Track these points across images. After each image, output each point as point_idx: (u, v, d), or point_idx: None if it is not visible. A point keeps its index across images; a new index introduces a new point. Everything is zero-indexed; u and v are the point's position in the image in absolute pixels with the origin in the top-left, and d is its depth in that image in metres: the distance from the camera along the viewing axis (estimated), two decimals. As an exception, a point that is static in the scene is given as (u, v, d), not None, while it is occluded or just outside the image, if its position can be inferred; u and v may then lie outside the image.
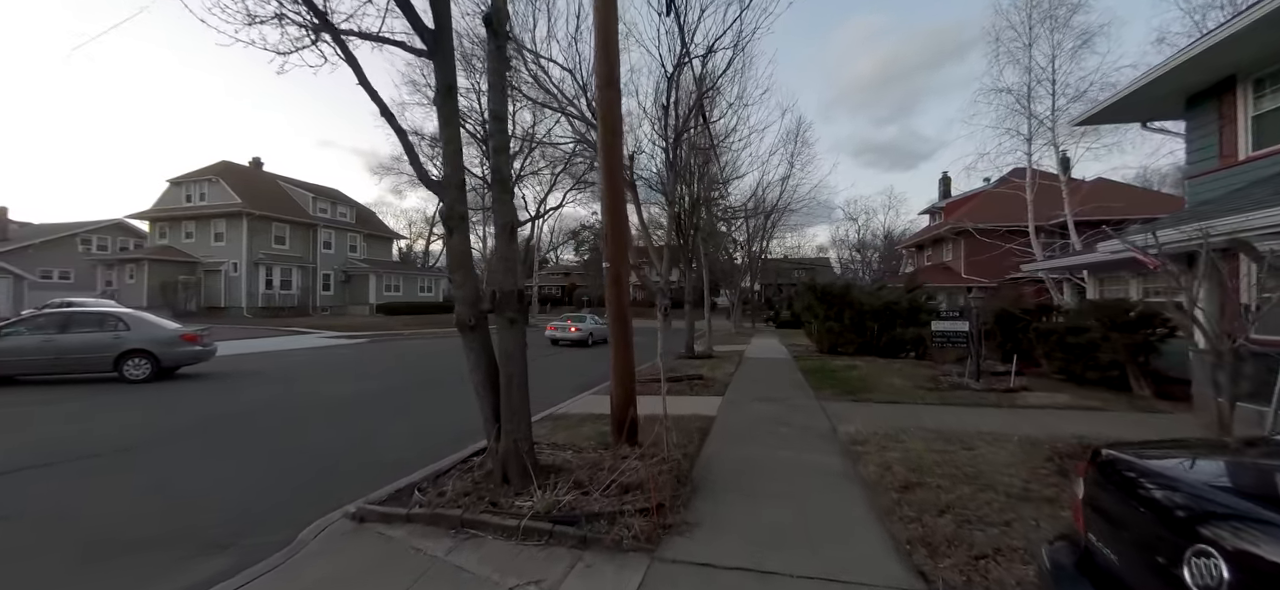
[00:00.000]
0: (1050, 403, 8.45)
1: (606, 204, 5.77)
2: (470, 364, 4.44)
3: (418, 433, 7.27)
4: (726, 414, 7.77)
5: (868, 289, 19.57)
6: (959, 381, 10.16)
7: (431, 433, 7.15)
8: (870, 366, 13.35)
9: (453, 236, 4.32)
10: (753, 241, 35.43)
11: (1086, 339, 10.03)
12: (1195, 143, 10.96)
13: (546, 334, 23.85)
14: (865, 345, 16.77)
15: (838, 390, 9.69)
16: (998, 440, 5.98)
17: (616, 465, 4.69)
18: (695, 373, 11.19)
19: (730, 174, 18.86)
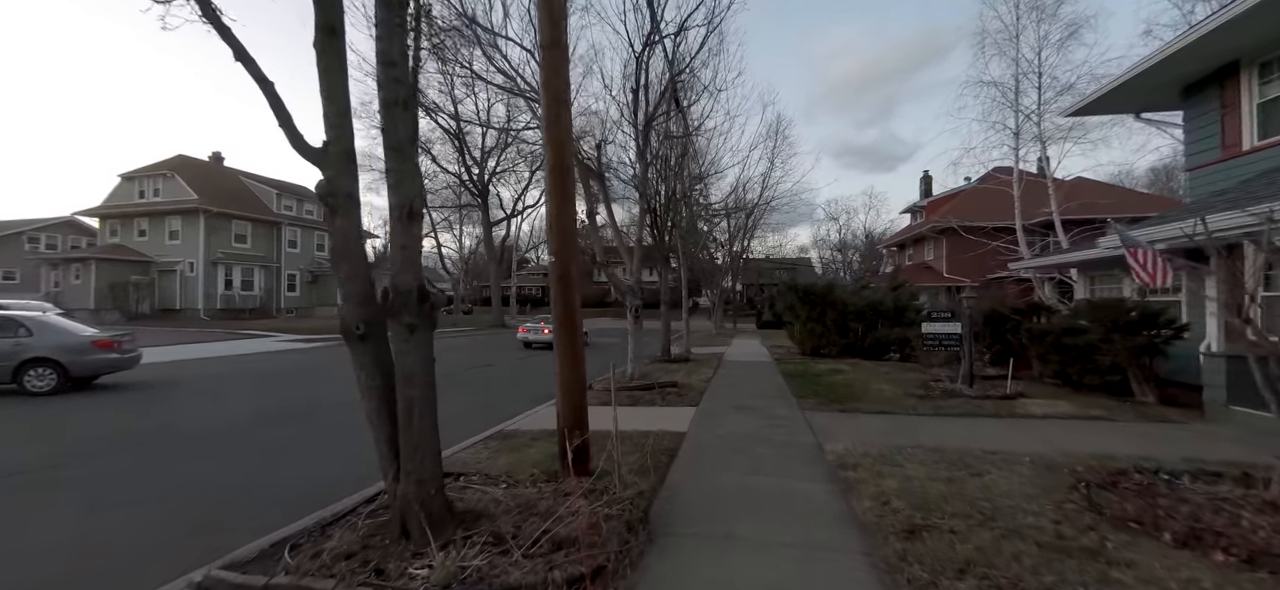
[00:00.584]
0: (1052, 412, 7.72)
1: (551, 185, 4.82)
2: (361, 385, 3.47)
3: (348, 456, 6.24)
4: (699, 430, 6.87)
5: (851, 288, 18.90)
6: (951, 388, 9.42)
7: (361, 457, 6.12)
8: (855, 370, 12.60)
9: (336, 218, 3.35)
10: (734, 241, 34.75)
11: (1085, 341, 9.36)
12: (1195, 134, 10.39)
13: (518, 336, 22.80)
14: (849, 347, 16.07)
15: (822, 398, 8.87)
16: (1008, 463, 5.18)
17: (554, 507, 3.76)
18: (669, 380, 10.30)
19: (709, 169, 18.04)
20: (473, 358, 17.90)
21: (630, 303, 10.11)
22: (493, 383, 12.39)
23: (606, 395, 9.09)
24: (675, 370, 12.71)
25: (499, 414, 8.37)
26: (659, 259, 15.13)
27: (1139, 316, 8.68)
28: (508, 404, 9.51)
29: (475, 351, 20.45)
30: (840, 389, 9.81)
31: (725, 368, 13.77)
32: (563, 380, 4.85)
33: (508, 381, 12.65)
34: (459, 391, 11.06)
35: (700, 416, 7.66)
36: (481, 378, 13.20)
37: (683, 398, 9.05)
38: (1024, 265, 15.43)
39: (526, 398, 9.97)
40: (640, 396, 9.08)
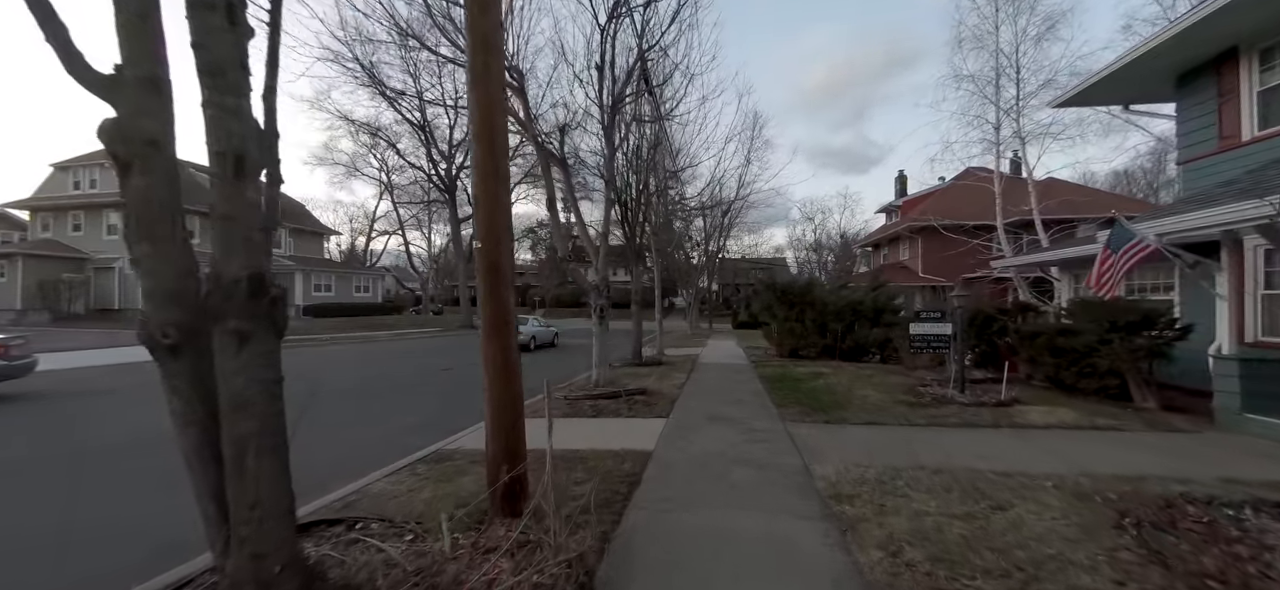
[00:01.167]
0: (1054, 421, 7.02)
1: (478, 156, 3.82)
2: (174, 416, 2.43)
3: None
4: (668, 447, 5.94)
5: (830, 288, 18.27)
6: (942, 394, 8.71)
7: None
8: (837, 374, 11.86)
9: (131, 176, 2.31)
10: (710, 239, 34.05)
11: (1082, 343, 8.76)
12: (1190, 124, 9.92)
13: (483, 338, 21.53)
14: (828, 348, 15.39)
15: (805, 406, 8.04)
16: (1029, 489, 4.38)
17: (466, 574, 2.79)
18: (638, 386, 9.36)
19: (684, 162, 17.17)
20: (431, 361, 16.69)
21: (595, 302, 9.13)
22: (447, 390, 11.28)
23: (565, 405, 8.11)
24: (646, 375, 11.79)
25: (443, 428, 7.33)
26: (630, 256, 14.19)
27: (1141, 317, 8.08)
28: (457, 416, 8.45)
29: (435, 354, 19.20)
30: (823, 395, 9.01)
31: (700, 371, 12.90)
32: (492, 398, 3.87)
33: (463, 388, 11.55)
34: (406, 401, 9.94)
35: (670, 430, 6.73)
36: (435, 384, 12.08)
37: (652, 407, 8.11)
38: (1007, 263, 14.96)
39: (480, 408, 8.93)
40: (604, 406, 8.11)
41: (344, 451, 6.25)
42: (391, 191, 46.79)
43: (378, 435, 7.27)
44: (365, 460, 5.69)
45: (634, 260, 14.11)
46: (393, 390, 11.06)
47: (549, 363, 16.59)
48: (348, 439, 7.03)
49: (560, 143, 9.64)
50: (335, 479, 5.00)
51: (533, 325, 22.36)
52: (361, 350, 20.23)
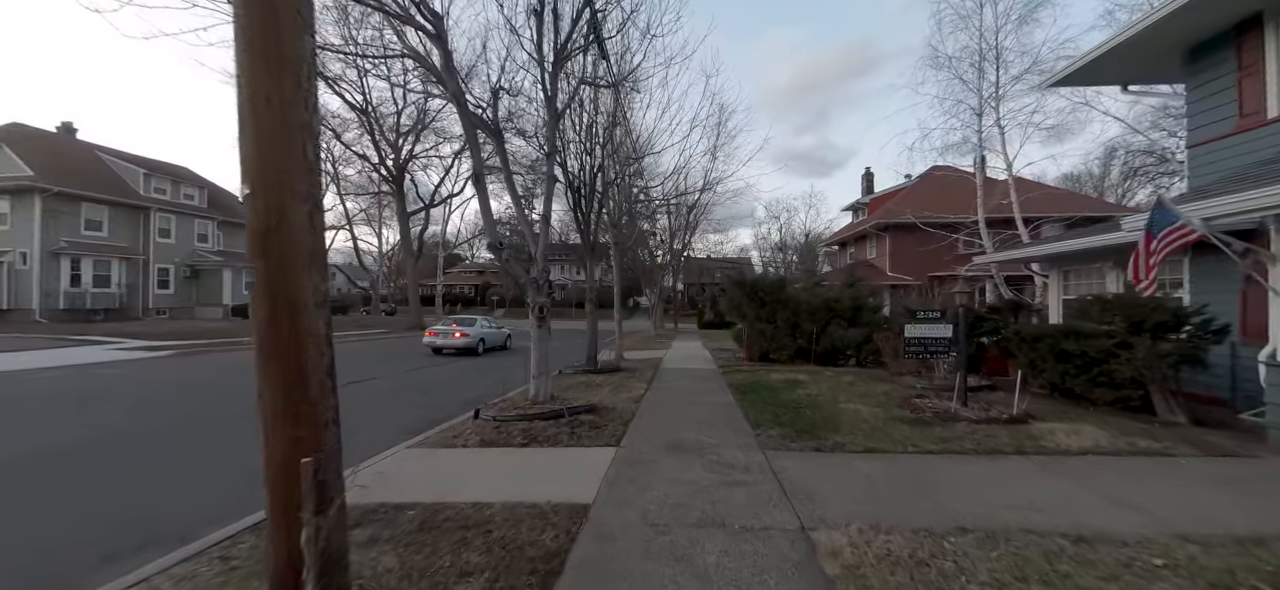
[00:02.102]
0: (1089, 445, 5.77)
1: (242, 48, 2.11)
2: None
3: (38, 549, 3.27)
4: (612, 500, 4.34)
5: (804, 286, 17.05)
6: (944, 407, 7.40)
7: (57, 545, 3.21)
8: (815, 380, 10.52)
9: None
10: (674, 237, 32.70)
11: (1097, 346, 7.61)
12: (1202, 103, 8.94)
13: (425, 340, 19.54)
14: (802, 351, 14.12)
15: (787, 426, 6.58)
16: (1132, 572, 2.99)
17: None
18: (585, 403, 7.74)
19: (645, 148, 15.61)
20: (358, 369, 14.61)
21: (533, 300, 7.46)
22: (358, 407, 9.39)
23: (489, 431, 6.40)
24: (599, 386, 10.16)
25: (359, 452, 5.54)
26: (585, 250, 12.54)
27: (1170, 316, 6.96)
28: (355, 443, 6.65)
29: (368, 360, 17.06)
30: (805, 410, 7.60)
31: (662, 379, 11.37)
32: (273, 461, 2.18)
33: (380, 404, 9.67)
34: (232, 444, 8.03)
35: (619, 468, 5.13)
36: (349, 399, 10.13)
37: (600, 431, 6.50)
38: (989, 259, 13.99)
39: (389, 431, 7.17)
40: (540, 430, 6.45)
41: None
42: (337, 183, 43.62)
43: (218, 490, 5.42)
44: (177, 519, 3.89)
45: (588, 255, 12.48)
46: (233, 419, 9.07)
47: (497, 369, 14.78)
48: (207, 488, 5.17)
49: (492, 107, 7.92)
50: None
51: (481, 326, 20.47)
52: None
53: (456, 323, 20.14)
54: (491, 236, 7.28)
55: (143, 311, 30.96)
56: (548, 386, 7.65)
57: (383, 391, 11.02)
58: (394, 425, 7.70)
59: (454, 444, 6.12)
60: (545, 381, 7.56)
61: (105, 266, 29.50)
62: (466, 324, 20.00)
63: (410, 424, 7.70)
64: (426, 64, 7.19)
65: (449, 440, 6.27)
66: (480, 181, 7.28)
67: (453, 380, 12.48)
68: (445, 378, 13.13)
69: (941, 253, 27.93)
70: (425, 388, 11.76)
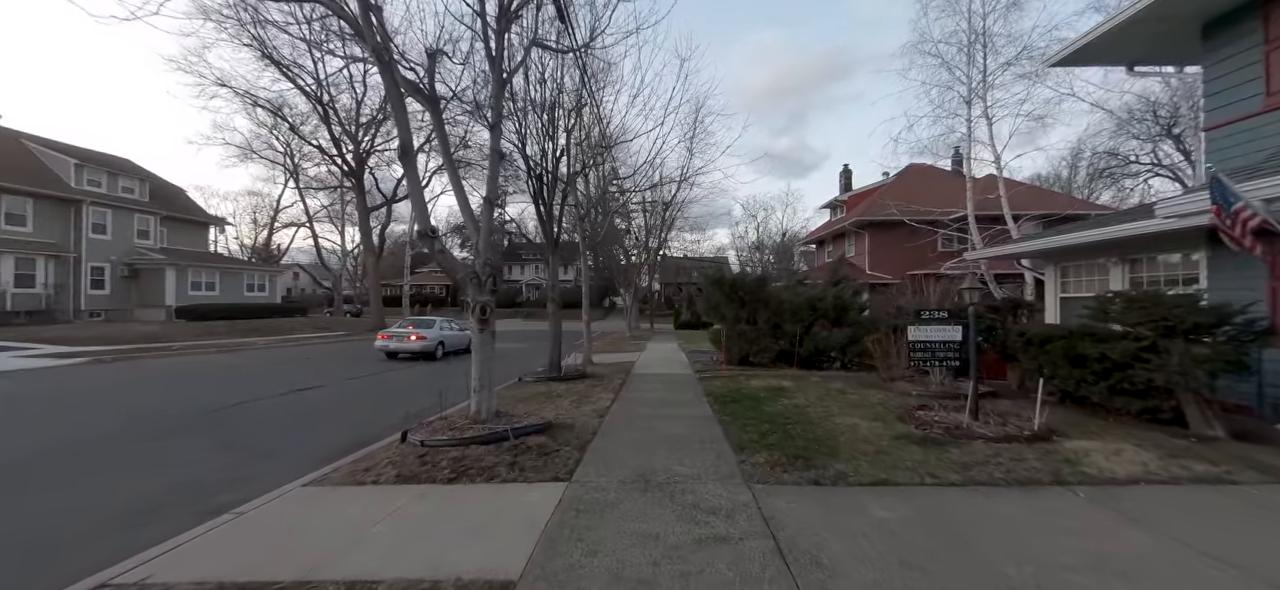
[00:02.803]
0: (1138, 471, 4.81)
1: None
2: None
3: None
4: (548, 574, 3.15)
5: (786, 283, 16.09)
6: (955, 422, 6.40)
7: None
8: (801, 388, 9.50)
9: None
10: (650, 235, 31.62)
11: (1122, 350, 6.72)
12: (1221, 82, 8.14)
13: (377, 344, 18.02)
14: (784, 353, 13.14)
15: (777, 451, 5.48)
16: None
17: None
18: (538, 421, 6.52)
19: (616, 134, 14.45)
20: (301, 376, 13.11)
21: (474, 298, 6.22)
22: (278, 423, 8.02)
23: (413, 462, 5.13)
24: (559, 396, 8.95)
25: (207, 502, 4.29)
26: (548, 246, 11.31)
27: (1212, 316, 6.08)
28: (250, 474, 5.36)
29: (316, 365, 15.52)
30: (795, 426, 6.52)
31: (632, 387, 10.21)
32: None
33: (305, 419, 8.31)
34: (199, 444, 6.67)
35: (565, 516, 3.95)
36: (280, 411, 8.74)
37: (550, 458, 5.30)
38: (980, 255, 13.21)
39: (297, 458, 5.90)
40: (476, 458, 5.22)
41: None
42: (296, 178, 41.34)
43: (58, 536, 4.07)
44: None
45: (551, 249, 11.24)
46: (195, 425, 7.64)
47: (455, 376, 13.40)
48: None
49: (429, 73, 6.65)
50: None
51: (442, 329, 19.02)
52: (195, 364, 16.16)
53: (413, 324, 18.65)
54: (422, 223, 6.01)
55: (73, 314, 28.46)
56: (492, 401, 6.41)
57: (315, 404, 9.62)
58: (307, 449, 6.38)
59: (364, 480, 4.86)
60: (488, 396, 6.31)
61: (29, 265, 26.97)
62: (424, 326, 18.54)
63: (327, 447, 6.40)
64: (340, 12, 5.89)
65: (359, 474, 4.99)
66: (408, 156, 6.01)
67: (400, 389, 11.11)
68: (393, 386, 11.76)
69: (923, 250, 27.47)
70: (365, 399, 10.39)
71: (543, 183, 10.92)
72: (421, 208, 6.11)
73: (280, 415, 8.60)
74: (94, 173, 30.57)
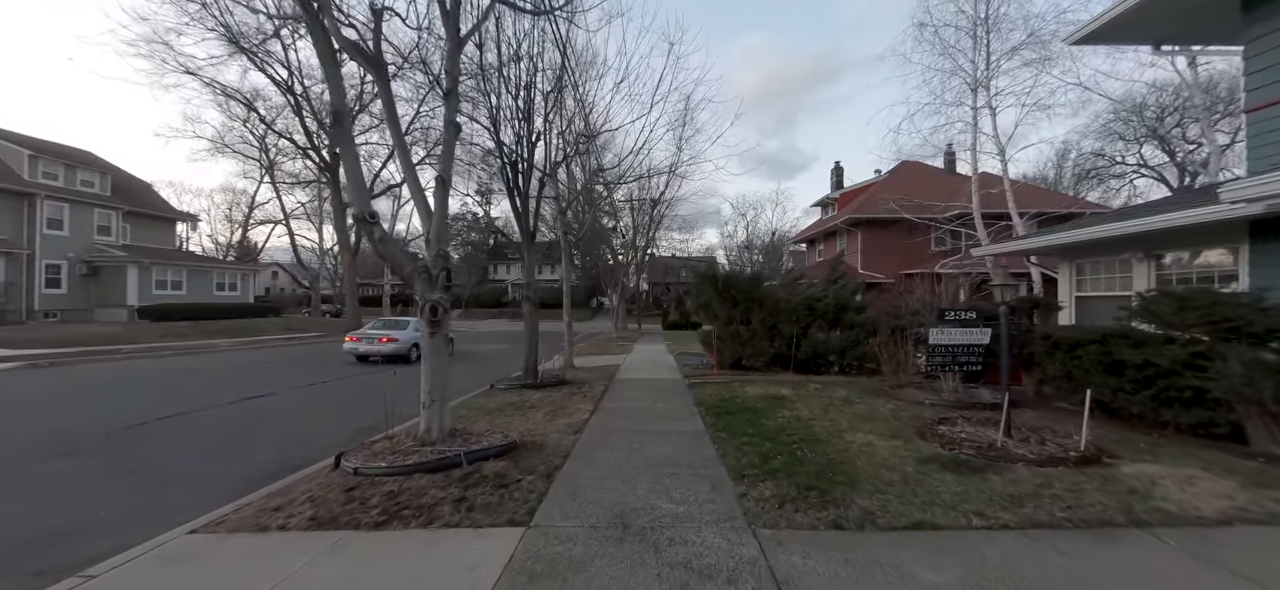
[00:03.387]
0: (1228, 507, 3.95)
1: None
2: None
3: None
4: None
5: (782, 282, 15.21)
6: (982, 438, 5.52)
7: None
8: (801, 396, 8.60)
9: None
10: (638, 233, 30.69)
11: (1171, 356, 5.89)
12: (1264, 59, 7.40)
13: (345, 347, 16.86)
14: (780, 357, 12.25)
15: (784, 480, 4.55)
16: None
17: None
18: (502, 439, 5.53)
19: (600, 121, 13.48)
20: (258, 382, 11.97)
21: (423, 296, 5.21)
22: (217, 438, 6.97)
23: (338, 498, 4.11)
24: (532, 407, 7.96)
25: (60, 556, 3.28)
26: (524, 239, 10.31)
27: (1282, 317, 5.27)
28: (145, 507, 4.33)
29: (280, 370, 14.37)
30: (803, 446, 5.60)
31: (616, 395, 9.24)
32: None
33: (239, 434, 7.24)
34: (99, 469, 5.59)
35: (515, 582, 2.97)
36: (216, 425, 7.66)
37: (508, 492, 4.32)
38: (987, 251, 12.42)
39: (222, 485, 4.87)
40: (413, 496, 4.22)
41: None
42: (272, 173, 39.75)
43: None
44: None
45: (526, 244, 10.25)
46: (114, 443, 6.54)
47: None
48: None
49: (375, 33, 5.63)
50: None
51: (415, 330, 17.91)
52: (145, 368, 14.91)
53: (384, 325, 17.52)
54: (359, 204, 5.00)
55: (27, 314, 26.83)
56: (445, 418, 5.41)
57: (259, 415, 8.53)
58: (224, 475, 5.34)
59: (269, 523, 3.85)
60: (440, 411, 5.31)
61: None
62: (396, 327, 17.42)
63: (249, 472, 5.38)
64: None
65: (266, 515, 3.98)
66: (341, 123, 4.99)
67: (359, 397, 10.04)
68: (352, 394, 10.67)
69: (918, 249, 26.85)
70: (317, 408, 9.32)
71: (517, 170, 9.93)
72: (359, 186, 5.10)
73: (214, 430, 7.51)
74: (50, 164, 28.92)
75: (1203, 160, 39.09)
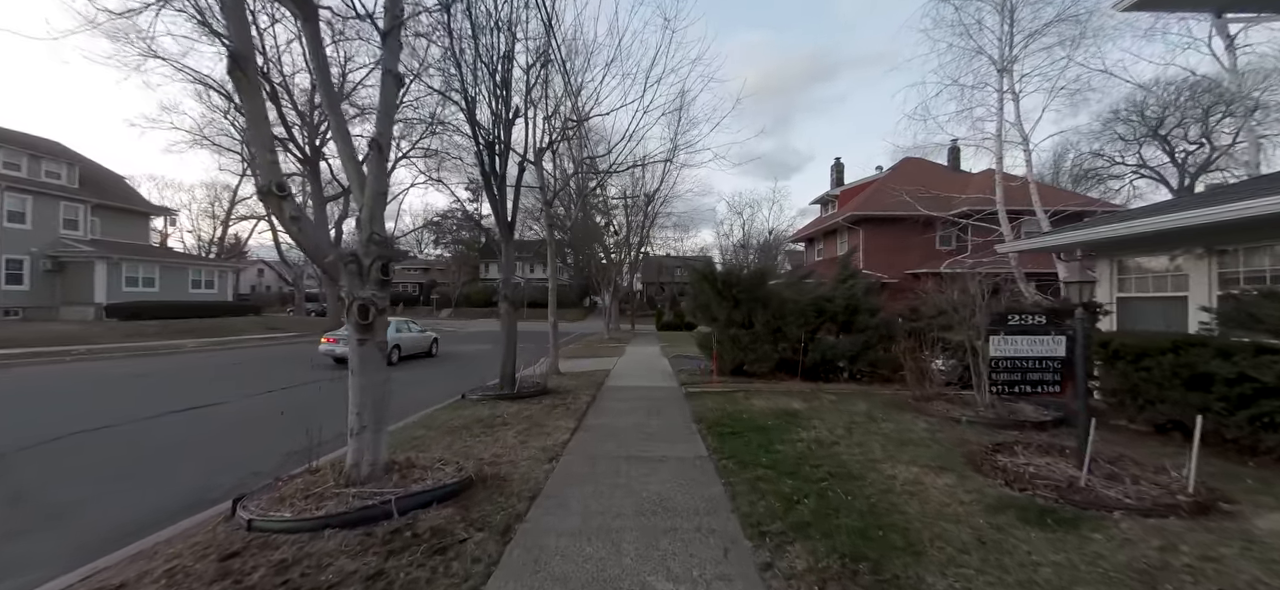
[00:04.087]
0: None
1: None
2: None
3: None
4: None
5: (788, 280, 14.07)
6: (1062, 477, 4.41)
7: None
8: (816, 409, 7.49)
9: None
10: (632, 232, 29.53)
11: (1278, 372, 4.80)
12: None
13: (322, 349, 15.67)
14: (786, 363, 11.14)
15: (817, 538, 3.41)
16: None
17: None
18: (451, 480, 4.35)
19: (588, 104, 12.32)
20: (212, 387, 10.73)
21: (350, 292, 4.04)
22: (127, 461, 5.77)
23: (214, 571, 2.89)
24: (505, 424, 6.79)
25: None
26: (499, 229, 9.14)
27: None
28: (30, 549, 3.13)
29: (244, 372, 13.14)
30: (832, 482, 4.47)
31: (603, 407, 8.08)
32: None
33: (164, 456, 6.04)
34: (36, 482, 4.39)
35: None
36: (133, 443, 6.44)
37: (447, 562, 3.15)
38: (1014, 247, 11.33)
39: (91, 534, 3.73)
40: (308, 572, 3.05)
41: None
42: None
43: None
44: None
45: (504, 236, 9.09)
46: (35, 458, 5.33)
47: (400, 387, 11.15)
48: None
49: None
50: None
51: (398, 330, 16.76)
52: (91, 372, 13.62)
53: None
54: (265, 172, 3.82)
55: (-16, 312, 25.39)
56: (380, 447, 4.24)
57: (194, 429, 7.34)
58: (101, 519, 4.18)
59: None
60: (373, 440, 4.14)
61: (-72, 257, 23.89)
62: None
63: (154, 504, 4.32)
64: None
65: None
66: (243, 69, 3.80)
67: (316, 408, 8.77)
68: (311, 402, 9.43)
69: (923, 247, 25.89)
70: (263, 422, 8.10)
71: (494, 152, 8.76)
72: (265, 147, 3.92)
73: (135, 448, 6.33)
74: (12, 154, 27.42)
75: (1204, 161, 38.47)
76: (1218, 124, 37.03)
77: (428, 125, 22.55)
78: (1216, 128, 37.35)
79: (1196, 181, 38.58)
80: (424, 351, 18.38)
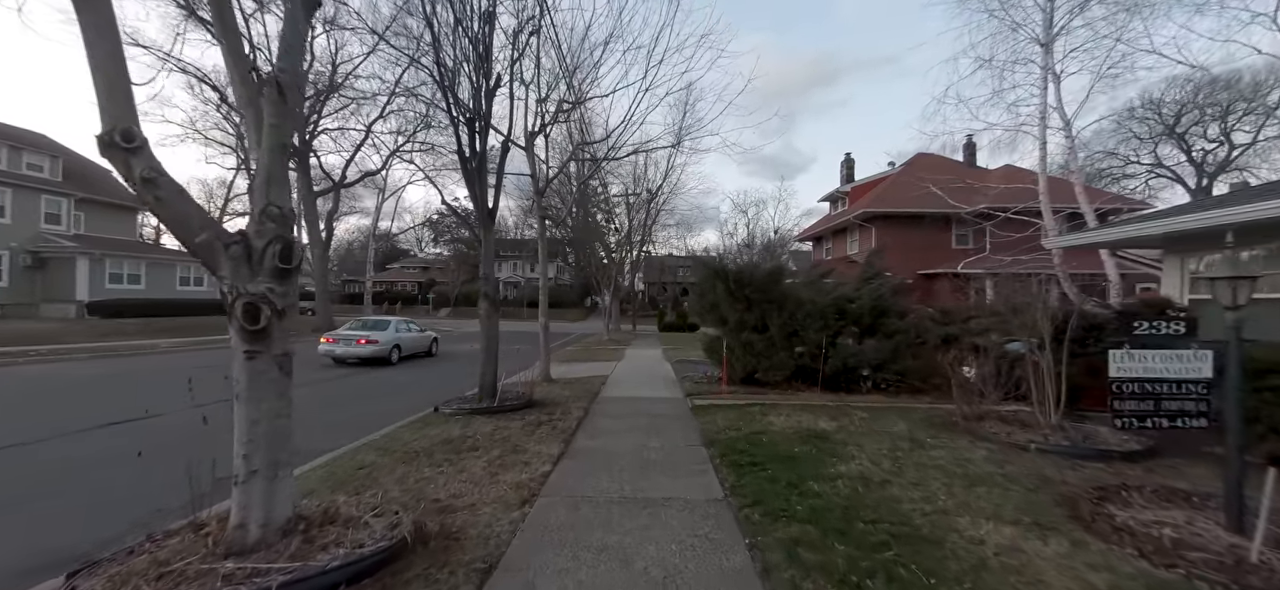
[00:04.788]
0: None
1: None
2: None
3: None
4: None
5: (806, 279, 12.84)
6: (1216, 545, 3.22)
7: None
8: (846, 428, 6.31)
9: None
10: (633, 230, 28.36)
11: None
12: None
13: (321, 349, 14.72)
14: (803, 371, 9.96)
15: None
16: None
17: None
18: (376, 548, 3.17)
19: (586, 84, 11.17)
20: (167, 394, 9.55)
21: (232, 283, 2.87)
22: (19, 494, 4.60)
23: None
24: (475, 448, 5.61)
25: None
26: (480, 217, 7.97)
27: None
28: None
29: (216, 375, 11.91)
30: (896, 548, 3.30)
31: (594, 429, 6.90)
32: None
33: (69, 483, 4.89)
34: None
35: None
36: (57, 463, 5.28)
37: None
38: (1061, 242, 10.09)
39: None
40: None
41: None
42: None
43: None
44: None
45: (484, 225, 7.92)
46: None
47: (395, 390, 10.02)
48: None
49: None
50: None
51: (397, 330, 15.86)
52: (41, 375, 12.49)
53: (365, 329, 15.26)
54: (112, 113, 2.68)
55: (-41, 308, 24.35)
56: (277, 500, 3.07)
57: (115, 449, 6.20)
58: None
59: None
60: (265, 492, 2.99)
61: (-100, 251, 22.85)
62: (377, 328, 15.37)
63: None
64: None
65: None
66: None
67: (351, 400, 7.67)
68: (341, 394, 8.27)
69: (938, 246, 24.75)
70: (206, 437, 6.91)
71: (473, 130, 7.60)
72: (113, 81, 2.74)
73: (15, 479, 5.18)
74: (-9, 145, 26.40)
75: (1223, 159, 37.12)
76: (1238, 122, 35.70)
77: (422, 118, 21.41)
78: (1236, 126, 36.03)
79: (1215, 182, 37.24)
80: (424, 351, 17.84)
